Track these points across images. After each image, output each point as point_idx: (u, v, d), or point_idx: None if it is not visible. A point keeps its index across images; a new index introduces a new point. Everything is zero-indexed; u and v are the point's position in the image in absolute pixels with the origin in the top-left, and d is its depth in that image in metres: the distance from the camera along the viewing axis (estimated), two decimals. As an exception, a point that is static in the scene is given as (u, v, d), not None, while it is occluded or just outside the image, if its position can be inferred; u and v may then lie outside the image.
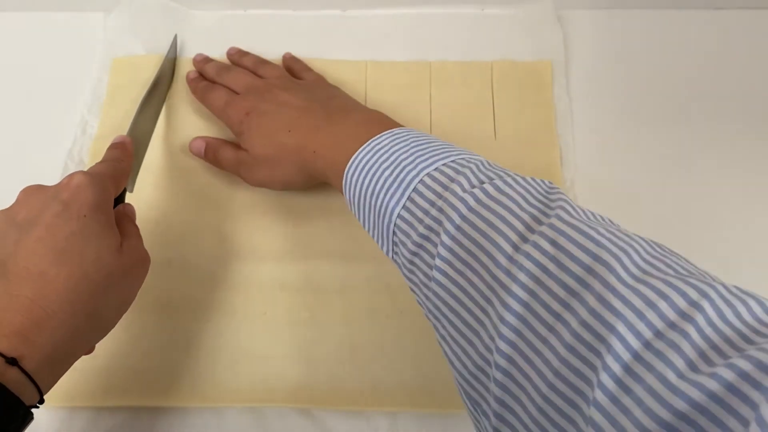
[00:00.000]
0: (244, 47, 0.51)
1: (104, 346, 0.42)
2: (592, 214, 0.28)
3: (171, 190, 0.47)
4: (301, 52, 0.51)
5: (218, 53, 0.52)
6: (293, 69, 0.49)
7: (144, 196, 0.46)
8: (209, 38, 0.53)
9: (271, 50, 0.51)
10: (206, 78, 0.49)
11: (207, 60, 0.50)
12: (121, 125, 0.49)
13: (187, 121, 0.49)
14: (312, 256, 0.44)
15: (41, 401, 0.29)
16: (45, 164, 0.47)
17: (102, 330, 0.33)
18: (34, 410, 0.29)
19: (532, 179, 0.30)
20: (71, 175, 0.33)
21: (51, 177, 0.47)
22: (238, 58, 0.50)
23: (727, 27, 0.53)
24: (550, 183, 0.30)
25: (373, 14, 0.53)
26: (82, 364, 0.41)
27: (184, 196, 0.47)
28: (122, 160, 0.38)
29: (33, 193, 0.33)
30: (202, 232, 0.45)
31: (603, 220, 0.28)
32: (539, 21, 0.52)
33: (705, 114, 0.49)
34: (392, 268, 0.44)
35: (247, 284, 0.44)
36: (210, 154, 0.46)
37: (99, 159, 0.47)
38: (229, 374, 0.41)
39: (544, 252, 0.25)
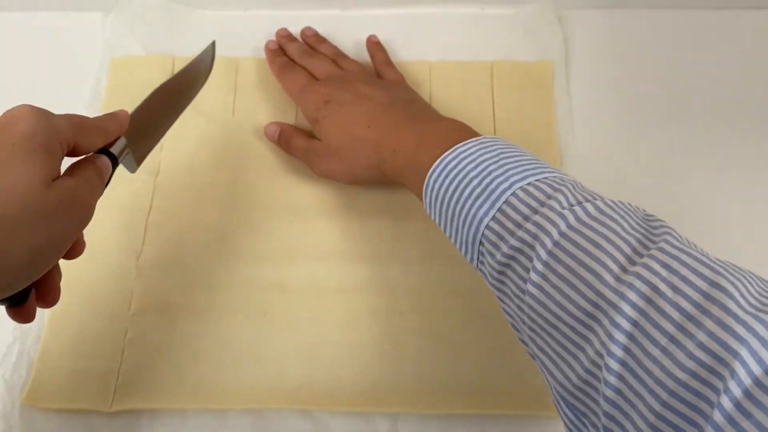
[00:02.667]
0: (244, 47, 0.51)
1: (104, 348, 0.42)
2: (694, 244, 0.29)
3: (171, 193, 0.47)
4: (301, 52, 0.51)
5: (218, 53, 0.51)
6: (374, 58, 0.50)
7: (144, 197, 0.46)
8: (209, 38, 0.53)
9: (271, 50, 0.51)
10: (286, 55, 0.49)
11: (291, 38, 0.51)
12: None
13: (189, 125, 0.49)
14: (312, 257, 0.44)
15: None
16: (44, 164, 0.47)
17: (7, 271, 0.27)
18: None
19: (629, 204, 0.31)
20: (14, 107, 0.30)
21: (50, 177, 0.47)
22: (315, 42, 0.50)
23: (727, 27, 0.53)
24: (645, 210, 0.31)
25: (373, 14, 0.53)
26: (80, 366, 0.41)
27: (184, 198, 0.47)
28: (104, 120, 0.34)
29: None
30: (201, 233, 0.45)
31: (704, 252, 0.29)
32: (539, 21, 0.52)
33: (705, 114, 0.49)
34: (392, 269, 0.44)
35: (247, 285, 0.44)
36: (283, 139, 0.46)
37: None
38: (230, 375, 0.41)
39: (656, 273, 0.26)
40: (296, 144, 0.45)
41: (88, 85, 0.51)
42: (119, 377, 0.41)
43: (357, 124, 0.41)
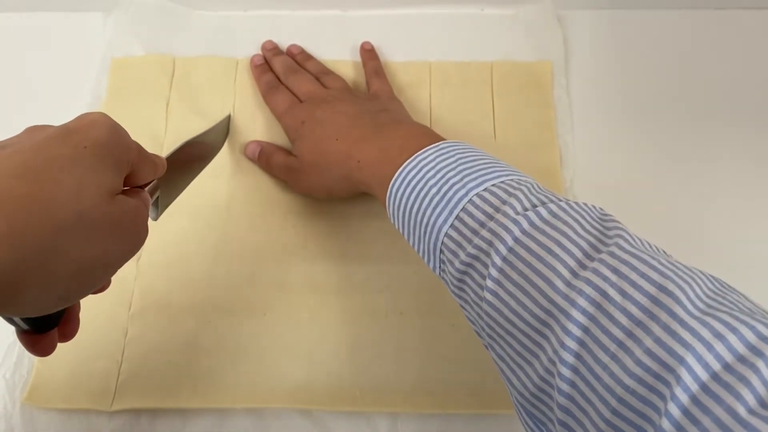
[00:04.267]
0: (244, 47, 0.51)
1: (103, 348, 0.42)
2: (649, 243, 0.29)
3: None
4: (301, 53, 0.51)
5: (218, 53, 0.52)
6: (365, 66, 0.50)
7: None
8: (209, 38, 0.53)
9: (271, 50, 0.51)
10: (272, 69, 0.50)
11: (277, 51, 0.51)
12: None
13: (190, 126, 0.49)
14: (312, 257, 0.44)
15: None
16: (45, 165, 0.47)
17: (46, 282, 0.23)
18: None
19: (585, 204, 0.30)
20: (90, 112, 0.28)
21: (51, 177, 0.47)
22: (301, 59, 0.50)
23: (727, 27, 0.53)
24: (602, 209, 0.31)
25: (373, 14, 0.53)
26: (80, 366, 0.41)
27: (184, 198, 0.46)
28: (155, 156, 0.33)
29: (38, 125, 0.28)
30: (202, 233, 0.45)
31: (659, 251, 0.29)
32: (539, 21, 0.52)
33: (705, 114, 0.49)
34: (392, 269, 0.44)
35: (247, 285, 0.44)
36: (264, 157, 0.46)
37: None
38: (230, 375, 0.41)
39: (605, 278, 0.26)
40: (276, 161, 0.45)
41: (88, 85, 0.50)
42: (119, 377, 0.41)
43: (327, 139, 0.42)
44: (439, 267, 0.34)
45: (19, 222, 0.22)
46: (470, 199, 0.32)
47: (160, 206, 0.36)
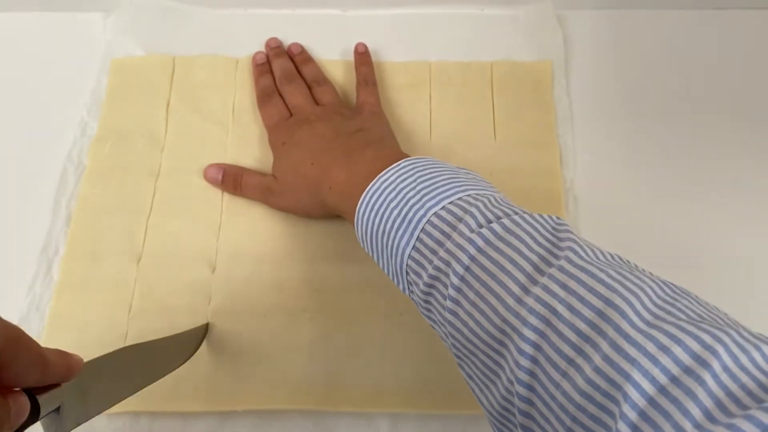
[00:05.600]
0: (244, 46, 0.51)
1: (103, 349, 0.42)
2: (601, 252, 0.28)
3: (171, 195, 0.47)
4: (301, 53, 0.51)
5: (218, 52, 0.52)
6: (357, 72, 0.49)
7: (144, 199, 0.46)
8: (209, 37, 0.53)
9: (271, 50, 0.51)
10: (272, 71, 0.49)
11: (279, 52, 0.50)
12: (120, 127, 0.49)
13: (189, 126, 0.49)
14: (312, 257, 0.44)
15: None
16: (44, 165, 0.47)
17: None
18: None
19: (540, 216, 0.30)
20: None
21: (50, 178, 0.47)
22: (300, 62, 0.50)
23: (727, 27, 0.52)
24: (558, 218, 0.30)
25: (373, 14, 0.53)
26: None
27: (184, 200, 0.47)
28: (51, 352, 0.25)
29: None
30: (201, 234, 0.45)
31: (612, 258, 0.28)
32: (539, 21, 0.52)
33: (705, 114, 0.49)
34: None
35: (246, 286, 0.44)
36: (230, 180, 0.46)
37: (98, 160, 0.47)
38: (230, 376, 0.41)
39: (554, 295, 0.26)
40: (248, 182, 0.45)
41: (88, 85, 0.50)
42: (119, 378, 0.41)
43: (303, 162, 0.42)
44: (408, 288, 0.34)
45: None
46: (428, 220, 0.31)
47: (67, 422, 0.26)
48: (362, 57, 0.50)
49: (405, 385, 0.41)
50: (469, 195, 0.32)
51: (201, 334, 0.41)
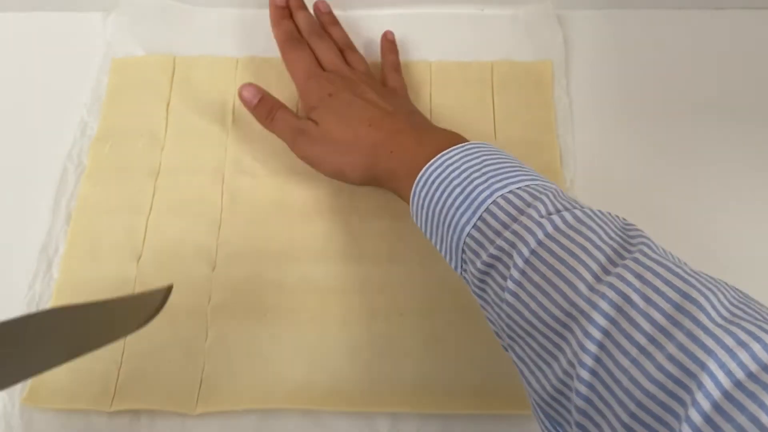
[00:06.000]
0: (244, 46, 0.51)
1: (103, 348, 0.42)
2: (671, 254, 0.29)
3: (170, 194, 0.47)
4: (301, 53, 0.51)
5: (218, 52, 0.52)
6: (385, 58, 0.49)
7: (144, 198, 0.46)
8: (209, 37, 0.53)
9: (272, 48, 0.50)
10: (294, 20, 0.48)
11: (302, 5, 0.49)
12: (120, 126, 0.49)
13: (189, 126, 0.49)
14: (312, 257, 0.44)
15: None
16: (44, 165, 0.47)
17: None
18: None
19: (609, 213, 0.31)
20: None
21: (50, 178, 0.47)
22: (327, 22, 0.49)
23: (727, 27, 0.53)
24: (625, 219, 0.31)
25: (373, 14, 0.53)
26: (80, 366, 0.41)
27: (184, 200, 0.47)
28: None
29: None
30: (201, 233, 0.45)
31: (681, 261, 0.29)
32: (539, 21, 0.52)
33: (705, 114, 0.49)
34: (392, 269, 0.44)
35: (246, 285, 0.43)
36: (265, 107, 0.44)
37: (98, 160, 0.47)
38: (230, 376, 0.41)
39: (628, 284, 0.26)
40: (285, 117, 0.43)
41: (88, 85, 0.50)
42: (119, 378, 0.41)
43: (360, 121, 0.41)
44: (461, 266, 0.34)
45: None
46: (494, 201, 0.32)
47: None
48: (391, 45, 0.50)
49: (405, 385, 0.41)
50: (537, 184, 0.33)
51: (162, 295, 0.33)
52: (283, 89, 0.48)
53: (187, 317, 0.42)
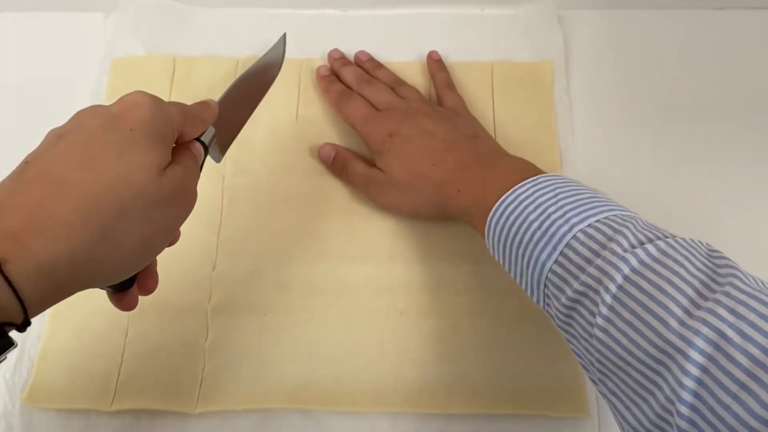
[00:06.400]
0: (244, 45, 0.51)
1: (104, 348, 0.42)
2: (762, 281, 0.29)
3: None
4: (301, 52, 0.51)
5: (218, 52, 0.52)
6: (435, 79, 0.49)
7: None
8: (209, 37, 0.53)
9: (271, 50, 0.51)
10: (341, 81, 0.48)
11: (345, 62, 0.50)
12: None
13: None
14: (312, 257, 0.44)
15: (26, 323, 0.25)
16: (45, 165, 0.47)
17: (116, 259, 0.27)
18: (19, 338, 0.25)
19: (692, 240, 0.30)
20: (129, 93, 0.31)
21: (51, 177, 0.47)
22: (371, 68, 0.49)
23: (727, 27, 0.52)
24: (709, 245, 0.31)
25: (373, 14, 0.53)
26: (80, 366, 0.41)
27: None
28: (201, 109, 0.33)
29: (85, 109, 0.30)
30: (202, 233, 0.45)
31: None
32: (539, 21, 0.52)
33: (705, 114, 0.49)
34: (392, 268, 0.44)
35: (247, 285, 0.44)
36: (339, 163, 0.46)
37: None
38: (230, 375, 0.41)
39: (722, 319, 0.26)
40: (355, 170, 0.45)
41: (88, 85, 0.50)
42: (119, 377, 0.41)
43: (422, 161, 0.41)
44: (544, 301, 0.34)
45: (90, 211, 0.25)
46: (574, 235, 0.32)
47: (221, 146, 0.36)
48: (438, 63, 0.50)
49: (405, 385, 0.41)
50: (615, 215, 0.32)
51: (282, 43, 0.45)
52: (284, 89, 0.49)
53: (187, 317, 0.42)
